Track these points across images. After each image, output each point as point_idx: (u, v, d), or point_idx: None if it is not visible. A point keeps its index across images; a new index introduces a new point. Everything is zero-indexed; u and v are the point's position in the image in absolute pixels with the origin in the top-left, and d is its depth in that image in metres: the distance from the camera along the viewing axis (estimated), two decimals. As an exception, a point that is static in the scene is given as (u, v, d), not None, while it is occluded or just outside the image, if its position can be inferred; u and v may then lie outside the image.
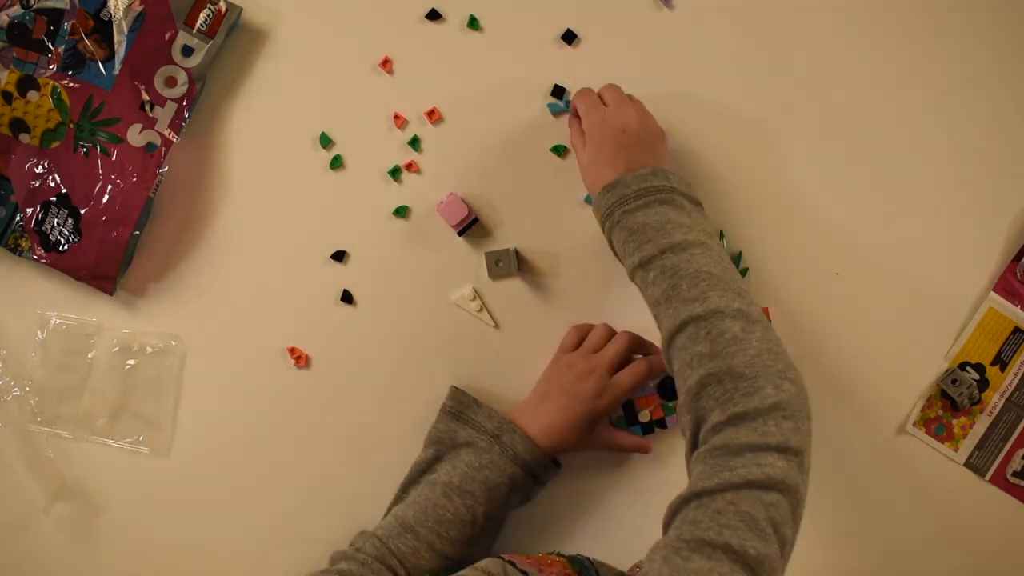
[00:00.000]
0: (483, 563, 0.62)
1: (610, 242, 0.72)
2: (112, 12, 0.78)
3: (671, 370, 0.65)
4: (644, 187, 0.69)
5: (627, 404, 0.83)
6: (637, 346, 0.81)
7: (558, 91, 0.82)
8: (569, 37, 0.82)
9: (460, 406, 0.79)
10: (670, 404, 0.84)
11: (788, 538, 0.56)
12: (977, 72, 0.84)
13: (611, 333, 0.82)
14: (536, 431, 0.76)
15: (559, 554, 0.73)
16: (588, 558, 0.71)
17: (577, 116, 0.78)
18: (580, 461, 0.85)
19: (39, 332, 0.84)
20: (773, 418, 0.58)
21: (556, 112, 0.83)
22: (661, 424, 0.84)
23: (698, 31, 0.83)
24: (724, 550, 0.53)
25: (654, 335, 0.83)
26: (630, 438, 0.82)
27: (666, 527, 0.58)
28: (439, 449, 0.77)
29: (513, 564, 0.63)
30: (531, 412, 0.78)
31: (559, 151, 0.83)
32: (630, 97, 0.77)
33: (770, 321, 0.83)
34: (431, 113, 0.83)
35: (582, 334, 0.82)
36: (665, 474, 0.86)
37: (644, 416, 0.84)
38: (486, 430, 0.76)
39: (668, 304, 0.65)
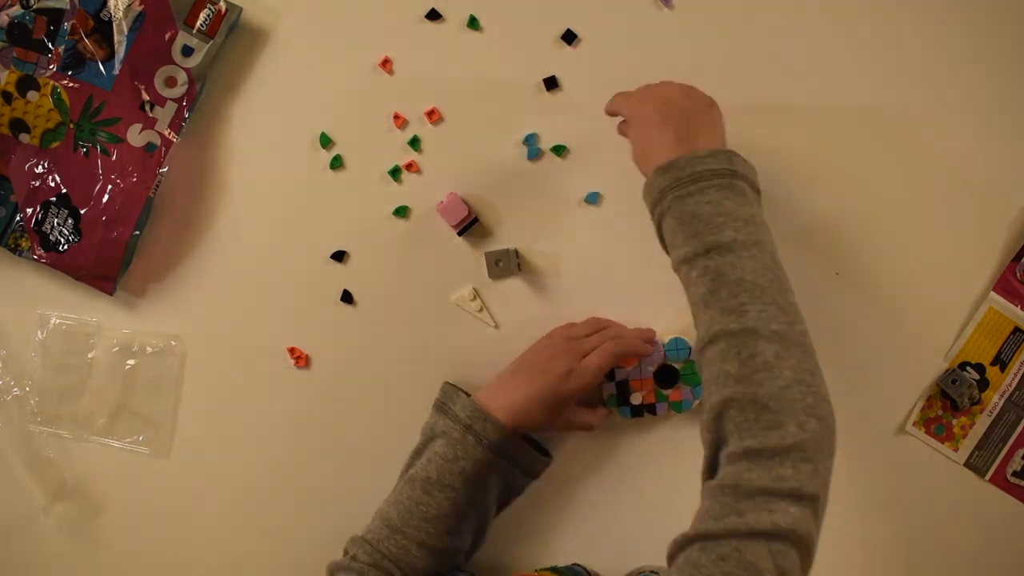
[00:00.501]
0: None
1: (659, 231, 0.67)
2: (112, 12, 0.78)
3: (700, 377, 0.62)
4: (700, 170, 0.63)
5: (621, 384, 0.83)
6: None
7: (552, 82, 0.83)
8: (569, 37, 0.82)
9: (445, 397, 0.79)
10: (664, 392, 0.84)
11: None
12: (977, 72, 0.84)
13: (600, 327, 0.82)
14: (504, 407, 0.75)
15: (554, 569, 0.74)
16: (583, 567, 0.71)
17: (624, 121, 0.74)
18: (569, 455, 0.85)
19: (39, 332, 0.84)
20: (791, 460, 0.55)
21: (533, 157, 0.83)
22: (651, 410, 0.84)
23: (698, 31, 0.83)
24: None
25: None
26: (589, 413, 0.81)
27: (670, 561, 0.57)
28: (421, 442, 0.78)
29: None
30: (500, 387, 0.78)
31: (560, 151, 0.83)
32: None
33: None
34: (431, 113, 0.83)
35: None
36: (656, 469, 0.86)
37: (636, 399, 0.83)
38: (460, 420, 0.76)
39: (705, 309, 0.61)
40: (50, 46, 0.78)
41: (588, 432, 0.83)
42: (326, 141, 0.83)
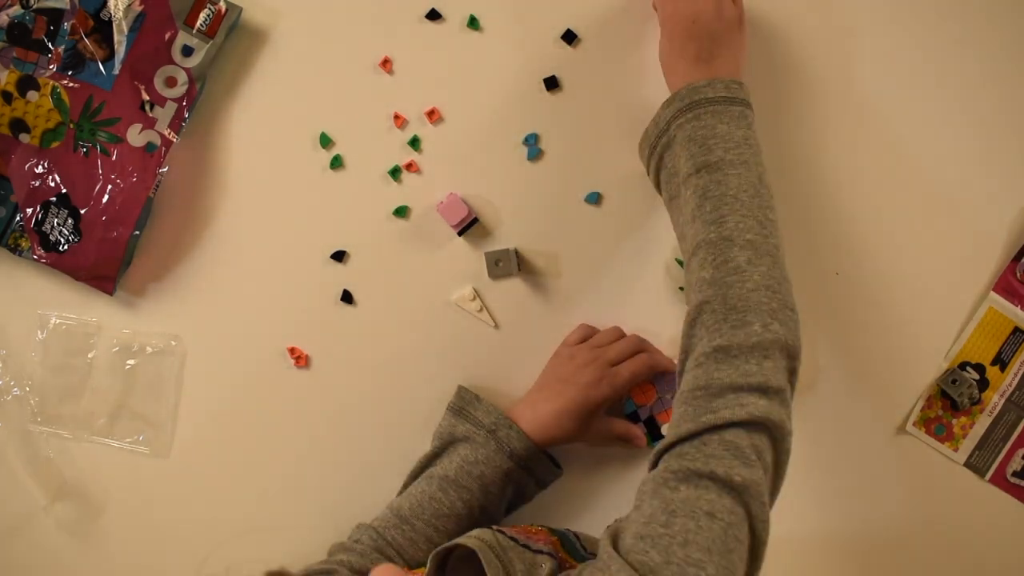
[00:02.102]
0: (475, 532, 0.62)
1: (658, 164, 0.72)
2: (112, 12, 0.78)
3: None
4: (698, 99, 0.68)
5: (648, 421, 0.83)
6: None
7: (552, 82, 0.82)
8: (569, 37, 0.82)
9: (462, 402, 0.79)
10: None
11: (772, 464, 0.58)
12: (977, 72, 0.84)
13: (620, 336, 0.82)
14: (531, 421, 0.76)
15: (543, 526, 0.74)
16: (571, 531, 0.72)
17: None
18: (578, 459, 0.85)
19: (39, 332, 0.84)
20: (755, 357, 0.59)
21: (533, 157, 0.83)
22: None
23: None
24: (711, 478, 0.55)
25: (659, 339, 0.84)
26: (624, 425, 0.81)
27: (652, 468, 0.60)
28: (438, 445, 0.78)
29: (502, 532, 0.63)
30: (528, 402, 0.78)
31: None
32: None
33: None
34: (431, 113, 0.83)
35: (588, 333, 0.82)
36: None
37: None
38: (483, 425, 0.76)
39: (692, 223, 0.65)
40: (50, 46, 0.78)
41: (626, 447, 0.83)
42: (326, 141, 0.83)
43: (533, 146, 0.83)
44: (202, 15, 0.78)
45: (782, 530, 0.80)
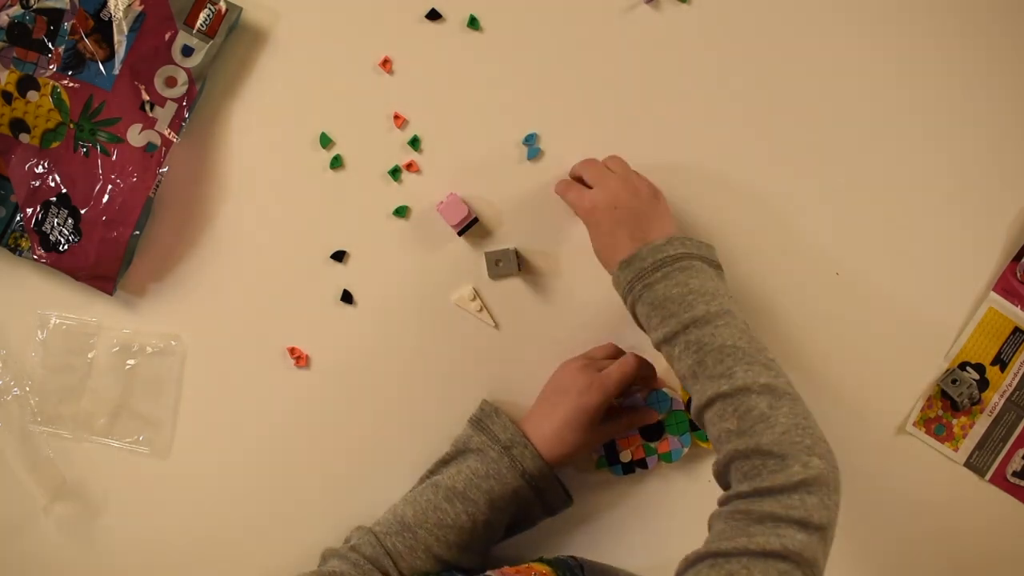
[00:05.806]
0: None
1: (634, 316, 0.73)
2: (112, 12, 0.78)
3: (707, 435, 0.67)
4: (661, 258, 0.69)
5: (609, 444, 0.83)
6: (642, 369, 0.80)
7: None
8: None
9: (482, 414, 0.79)
10: (651, 445, 0.83)
11: None
12: (976, 73, 0.84)
13: (614, 352, 0.82)
14: (541, 439, 0.76)
15: (543, 559, 0.74)
16: (573, 557, 0.71)
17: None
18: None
19: (39, 332, 0.84)
20: (798, 493, 0.59)
21: (533, 157, 0.83)
22: (642, 464, 0.84)
23: (696, 35, 0.83)
24: None
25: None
26: (626, 420, 0.81)
27: (683, 566, 0.60)
28: (450, 452, 0.78)
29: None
30: (535, 419, 0.78)
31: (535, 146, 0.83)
32: (611, 161, 0.78)
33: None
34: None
35: (612, 352, 0.82)
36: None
37: (625, 456, 0.84)
38: (498, 440, 0.76)
39: (695, 380, 0.66)
40: (50, 46, 0.78)
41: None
42: (326, 141, 0.83)
43: (533, 146, 0.83)
44: (202, 15, 0.78)
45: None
